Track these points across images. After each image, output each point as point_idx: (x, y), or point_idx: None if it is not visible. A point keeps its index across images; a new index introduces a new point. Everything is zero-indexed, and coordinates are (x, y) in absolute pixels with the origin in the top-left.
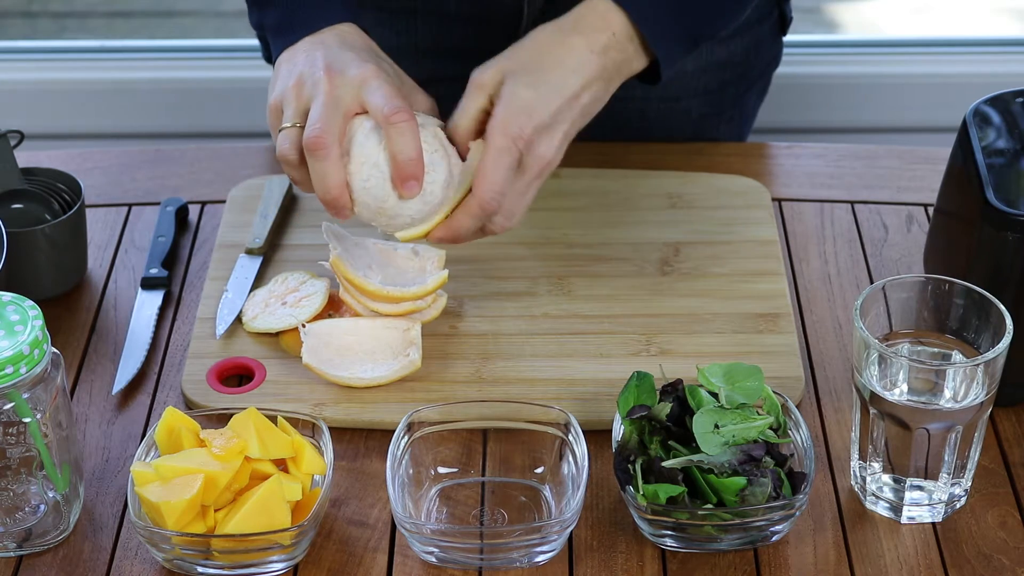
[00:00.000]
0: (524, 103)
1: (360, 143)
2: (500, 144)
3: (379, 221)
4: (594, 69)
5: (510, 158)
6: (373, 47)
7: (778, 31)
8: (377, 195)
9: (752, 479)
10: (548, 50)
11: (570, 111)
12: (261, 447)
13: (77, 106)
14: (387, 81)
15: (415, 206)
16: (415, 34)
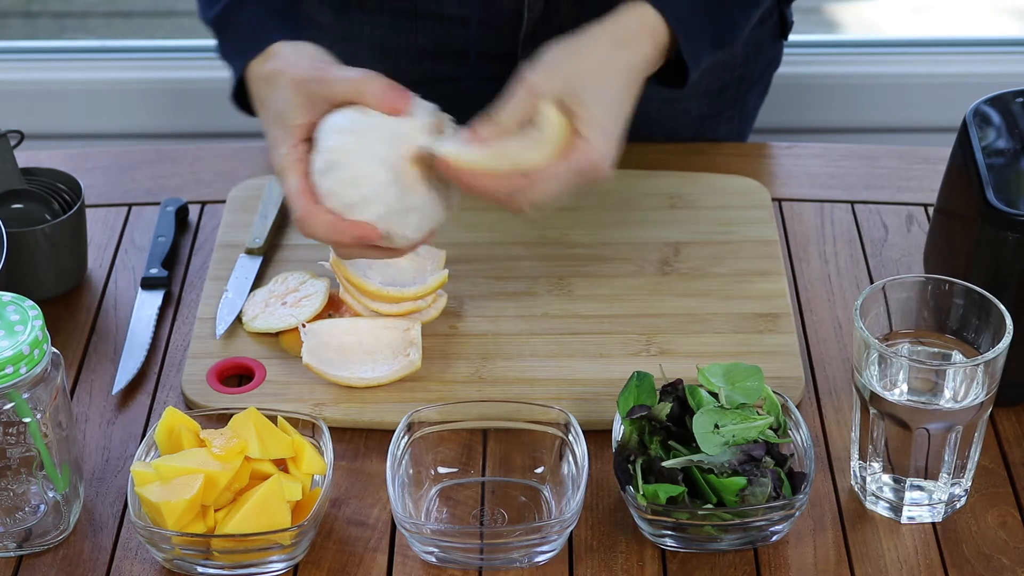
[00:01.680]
0: (604, 127)
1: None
2: (583, 165)
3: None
4: (639, 83)
5: (581, 177)
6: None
7: (779, 34)
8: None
9: (752, 479)
10: (606, 67)
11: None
12: (261, 447)
13: (77, 106)
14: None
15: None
16: (415, 36)
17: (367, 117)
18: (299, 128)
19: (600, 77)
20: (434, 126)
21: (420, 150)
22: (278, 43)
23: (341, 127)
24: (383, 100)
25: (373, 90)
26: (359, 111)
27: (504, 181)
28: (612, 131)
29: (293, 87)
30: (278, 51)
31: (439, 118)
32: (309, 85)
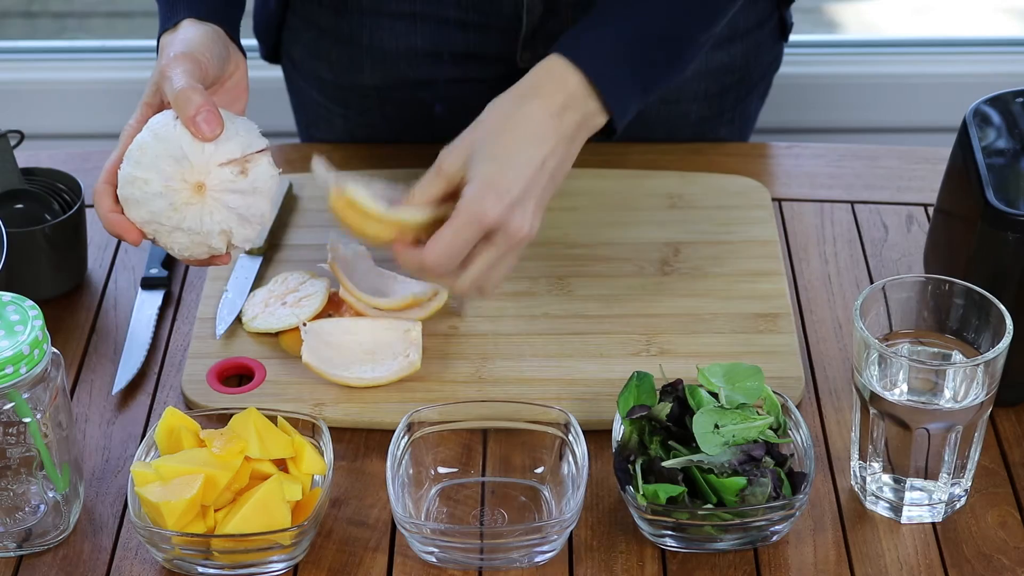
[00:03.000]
0: (491, 181)
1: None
2: (463, 220)
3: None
4: (554, 134)
5: (470, 233)
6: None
7: (778, 35)
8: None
9: (752, 479)
10: (508, 121)
11: (538, 181)
12: (261, 447)
13: (77, 106)
14: (123, 141)
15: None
16: (414, 39)
17: (175, 128)
18: (146, 107)
19: (496, 132)
20: (240, 161)
21: (199, 182)
22: (186, 20)
23: (153, 125)
24: (192, 121)
25: (187, 108)
26: (175, 118)
27: (403, 254)
28: (501, 184)
29: (159, 67)
30: (183, 27)
31: (251, 150)
32: (157, 73)
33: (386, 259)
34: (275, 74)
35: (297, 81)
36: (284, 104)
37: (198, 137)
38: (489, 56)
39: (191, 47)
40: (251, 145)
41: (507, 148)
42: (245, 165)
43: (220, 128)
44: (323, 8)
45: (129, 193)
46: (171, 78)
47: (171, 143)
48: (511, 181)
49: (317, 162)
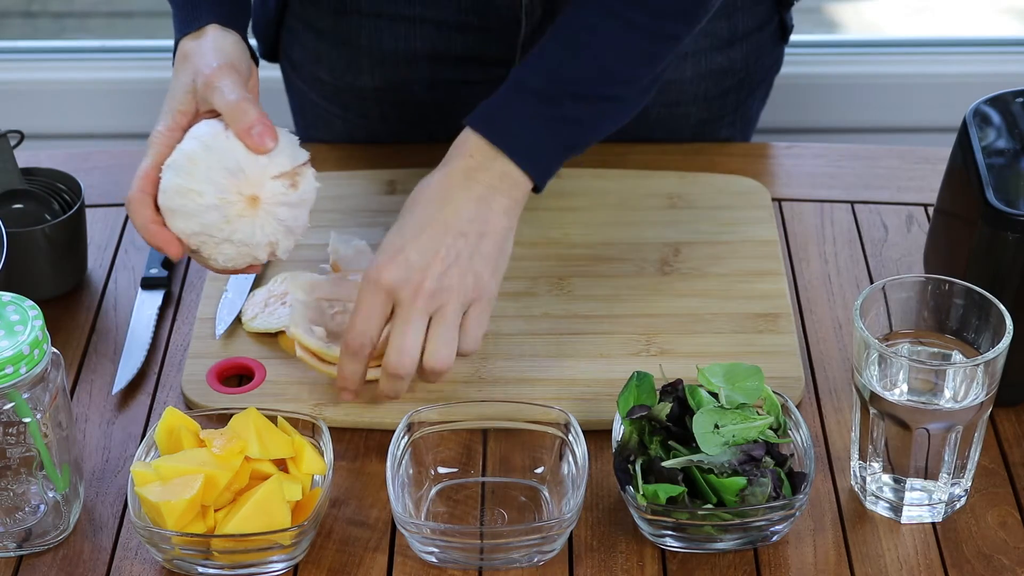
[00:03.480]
0: (385, 246)
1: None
2: (362, 289)
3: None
4: (458, 195)
5: (373, 301)
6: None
7: (779, 38)
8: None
9: (752, 479)
10: (410, 202)
11: (440, 239)
12: (261, 447)
13: (77, 106)
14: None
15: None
16: (413, 41)
17: (227, 139)
18: (180, 114)
19: (403, 211)
20: (290, 174)
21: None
22: (211, 26)
23: (201, 135)
24: (248, 134)
25: (243, 120)
26: (224, 129)
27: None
28: (393, 245)
29: (191, 76)
30: (206, 33)
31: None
32: (200, 82)
33: None
34: (274, 74)
35: (296, 83)
36: (283, 105)
37: (254, 150)
38: (488, 58)
39: (229, 57)
40: (297, 157)
41: (406, 220)
42: (295, 178)
43: (276, 141)
44: (322, 10)
45: (178, 205)
46: (221, 89)
47: (225, 155)
48: (402, 243)
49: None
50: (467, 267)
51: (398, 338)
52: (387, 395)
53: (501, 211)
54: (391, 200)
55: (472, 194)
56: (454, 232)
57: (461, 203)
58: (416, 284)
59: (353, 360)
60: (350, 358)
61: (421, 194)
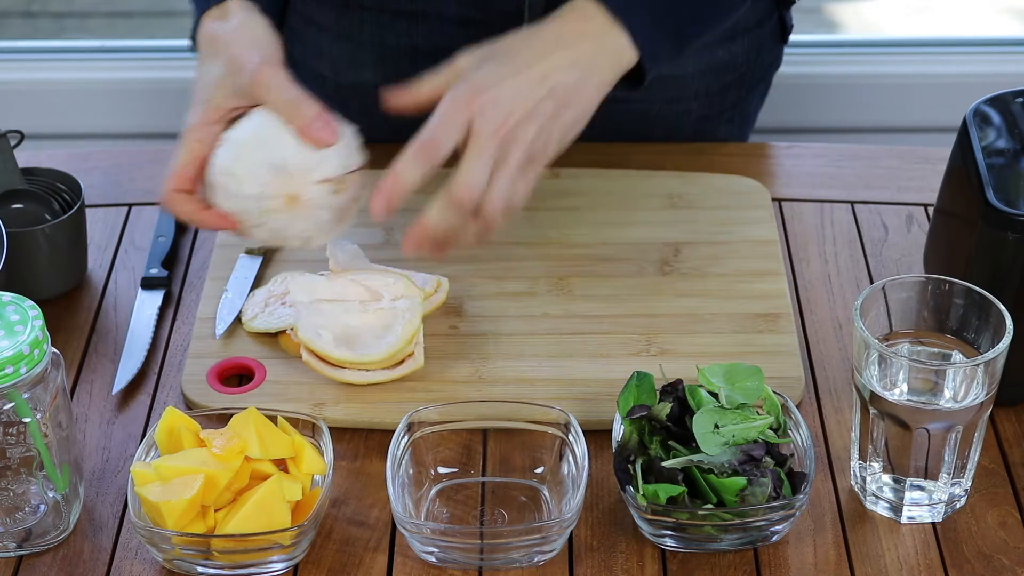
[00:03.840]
0: (481, 76)
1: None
2: (444, 107)
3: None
4: (563, 53)
5: (452, 119)
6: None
7: (779, 37)
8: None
9: (752, 479)
10: (518, 40)
11: (532, 91)
12: (261, 447)
13: (77, 106)
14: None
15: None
16: (415, 36)
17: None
18: (217, 110)
19: (507, 50)
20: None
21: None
22: (234, 2)
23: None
24: (309, 130)
25: (303, 117)
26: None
27: (436, 208)
28: (485, 81)
29: (228, 69)
30: (231, 12)
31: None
32: (244, 80)
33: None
34: None
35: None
36: None
37: (316, 144)
38: None
39: (267, 49)
40: (349, 163)
41: (511, 57)
42: (340, 185)
43: (337, 136)
44: (324, 6)
45: (222, 182)
46: (274, 87)
47: (273, 151)
48: (499, 77)
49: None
50: (545, 127)
51: (468, 167)
52: (433, 233)
53: (595, 87)
54: None
55: (578, 59)
56: (548, 89)
57: (565, 64)
58: (499, 122)
59: (415, 163)
60: (414, 160)
61: (529, 37)
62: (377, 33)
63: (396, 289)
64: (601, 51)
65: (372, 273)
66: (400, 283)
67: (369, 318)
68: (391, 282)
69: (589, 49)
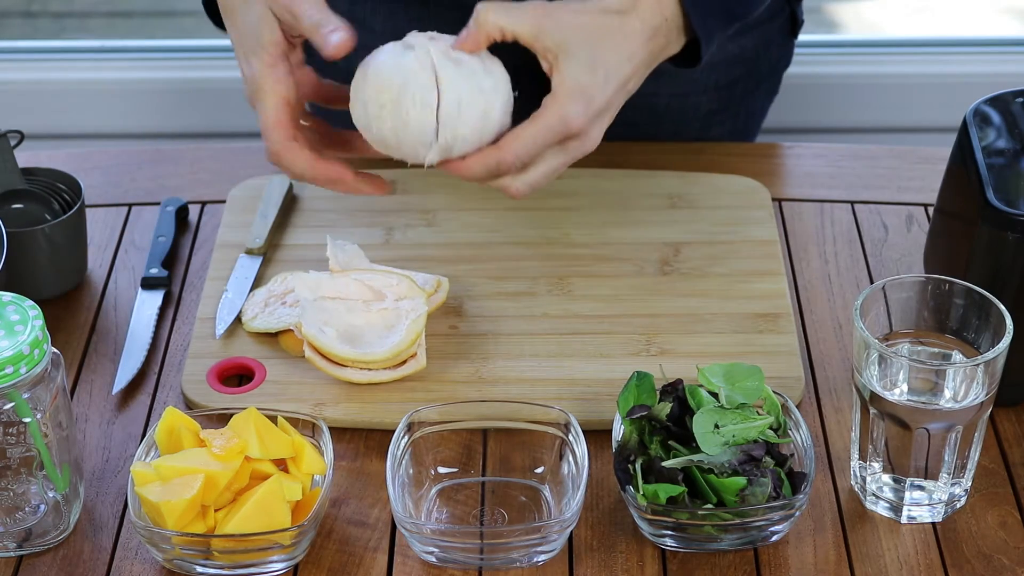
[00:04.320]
0: (584, 88)
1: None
2: (549, 123)
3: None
4: (644, 55)
5: (553, 137)
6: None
7: (788, 32)
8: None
9: (752, 479)
10: (609, 32)
11: (620, 97)
12: (261, 447)
13: (77, 106)
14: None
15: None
16: (428, 23)
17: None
18: (275, 45)
19: (595, 38)
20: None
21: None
22: None
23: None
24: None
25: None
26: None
27: (479, 159)
28: (592, 93)
29: (265, 2)
30: None
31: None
32: (277, 8)
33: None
34: None
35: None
36: None
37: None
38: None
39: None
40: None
41: (602, 57)
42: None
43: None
44: None
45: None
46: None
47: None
48: (601, 92)
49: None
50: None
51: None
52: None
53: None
54: (391, 200)
55: (651, 59)
56: (625, 94)
57: (639, 64)
58: (592, 140)
59: (490, 169)
60: (489, 167)
61: (617, 31)
62: (389, 22)
63: (399, 290)
64: (667, 46)
65: (375, 273)
66: (403, 284)
67: (373, 317)
68: (394, 283)
69: (660, 45)
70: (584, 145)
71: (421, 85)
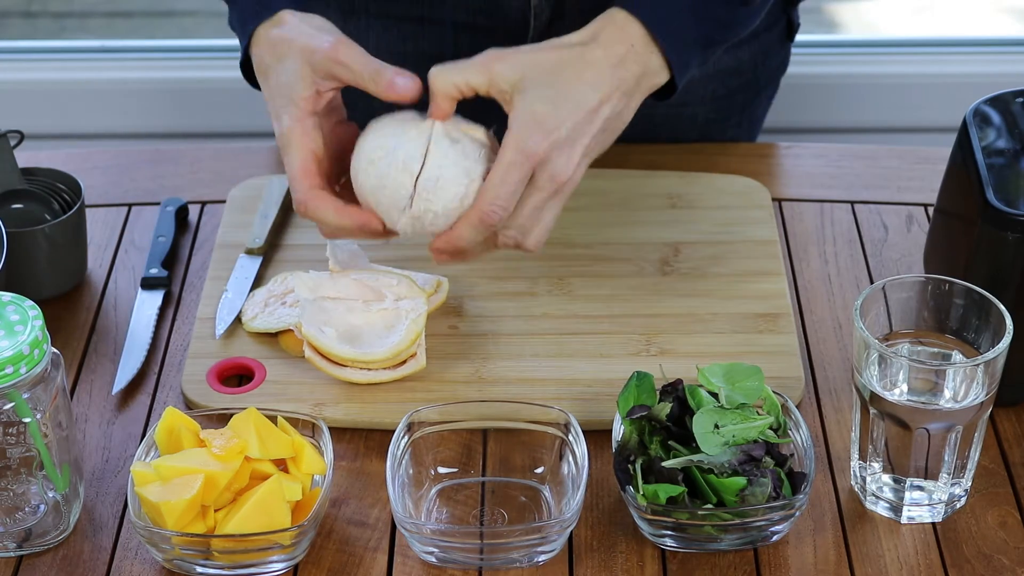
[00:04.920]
0: (540, 118)
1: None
2: (510, 158)
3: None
4: (612, 82)
5: (519, 172)
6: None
7: (786, 37)
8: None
9: (752, 479)
10: (567, 63)
11: (589, 126)
12: (261, 447)
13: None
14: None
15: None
16: (421, 41)
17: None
18: (305, 100)
19: (553, 70)
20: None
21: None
22: (286, 11)
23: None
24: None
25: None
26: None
27: (463, 222)
28: (550, 121)
29: (303, 58)
30: (286, 19)
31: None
32: (318, 59)
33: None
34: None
35: None
36: None
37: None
38: None
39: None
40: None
41: (561, 88)
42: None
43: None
44: (330, 11)
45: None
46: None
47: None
48: (561, 120)
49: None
50: (590, 159)
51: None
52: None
53: (632, 110)
54: None
55: (624, 86)
56: (600, 124)
57: (614, 94)
58: (561, 171)
59: (477, 228)
60: (475, 226)
61: (577, 59)
62: (383, 39)
63: (399, 290)
64: (643, 74)
65: (375, 273)
66: (403, 284)
67: (372, 317)
68: (394, 283)
69: (634, 73)
70: (555, 176)
71: (408, 152)
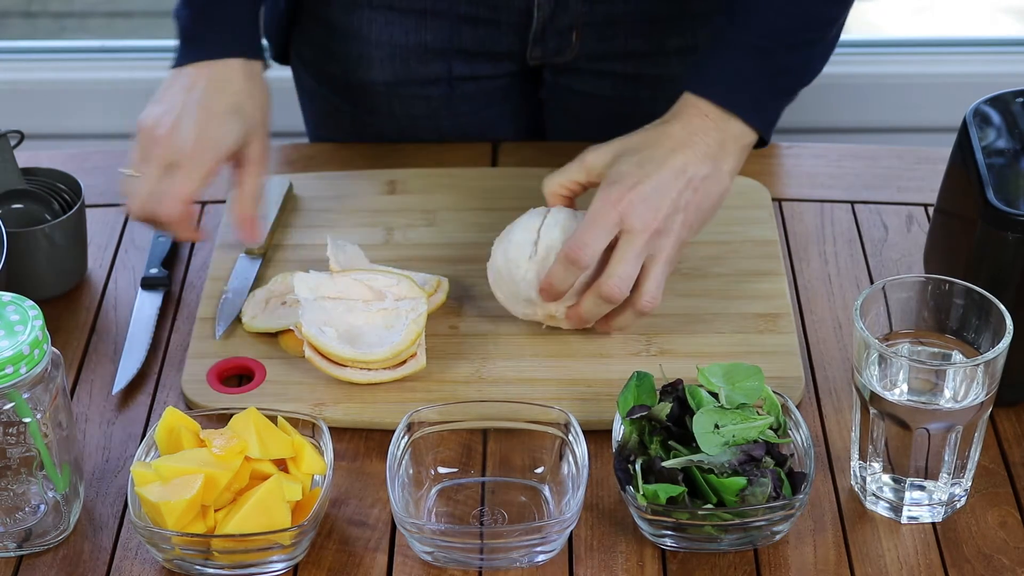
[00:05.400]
0: (624, 175)
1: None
2: (596, 207)
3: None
4: (692, 147)
5: (604, 219)
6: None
7: None
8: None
9: (752, 479)
10: (650, 138)
11: (674, 182)
12: (261, 447)
13: (77, 106)
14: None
15: None
16: (425, 34)
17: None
18: (227, 158)
19: (640, 145)
20: None
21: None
22: (237, 59)
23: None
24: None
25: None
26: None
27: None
28: (630, 177)
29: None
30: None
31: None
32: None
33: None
34: (284, 74)
35: (306, 80)
36: (293, 104)
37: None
38: (499, 53)
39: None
40: None
41: (645, 153)
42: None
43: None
44: (333, 5)
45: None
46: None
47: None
48: (644, 175)
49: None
50: (689, 218)
51: (621, 264)
52: (586, 318)
53: (727, 173)
54: (391, 200)
55: (708, 150)
56: (687, 180)
57: (697, 157)
58: (649, 219)
59: (567, 269)
60: (566, 266)
61: (659, 136)
62: (386, 31)
63: (399, 290)
64: (725, 139)
65: (375, 273)
66: (403, 284)
67: (373, 317)
68: (394, 283)
69: (715, 139)
70: (645, 224)
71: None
